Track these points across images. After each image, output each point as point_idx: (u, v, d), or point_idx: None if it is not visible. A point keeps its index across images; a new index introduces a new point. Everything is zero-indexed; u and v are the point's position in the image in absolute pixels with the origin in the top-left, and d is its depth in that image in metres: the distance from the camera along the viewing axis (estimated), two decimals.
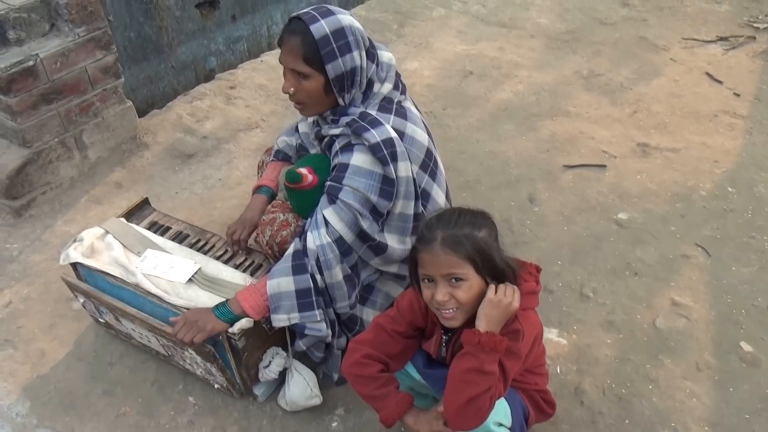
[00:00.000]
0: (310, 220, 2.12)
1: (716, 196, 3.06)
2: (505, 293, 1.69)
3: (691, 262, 2.74)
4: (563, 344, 2.44)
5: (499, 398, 1.71)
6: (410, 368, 2.01)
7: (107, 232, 2.39)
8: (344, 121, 2.10)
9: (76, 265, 2.35)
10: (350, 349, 1.94)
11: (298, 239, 2.13)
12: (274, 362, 2.20)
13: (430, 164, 2.20)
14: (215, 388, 2.31)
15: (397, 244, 2.15)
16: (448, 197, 2.36)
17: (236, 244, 2.41)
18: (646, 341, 2.44)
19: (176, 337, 2.02)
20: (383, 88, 2.14)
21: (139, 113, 3.54)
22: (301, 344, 2.16)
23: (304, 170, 2.17)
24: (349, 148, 2.09)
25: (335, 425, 2.24)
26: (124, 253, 2.33)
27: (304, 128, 2.47)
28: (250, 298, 2.07)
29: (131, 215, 2.57)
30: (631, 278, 2.69)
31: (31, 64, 2.87)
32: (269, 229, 2.26)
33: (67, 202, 3.16)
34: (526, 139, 3.48)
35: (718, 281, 2.66)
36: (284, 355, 2.23)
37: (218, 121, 3.68)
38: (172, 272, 2.26)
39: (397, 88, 2.18)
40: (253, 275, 2.33)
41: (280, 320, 2.09)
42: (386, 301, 2.31)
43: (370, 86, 2.12)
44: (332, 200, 2.07)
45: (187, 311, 2.07)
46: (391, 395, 1.84)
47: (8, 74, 2.81)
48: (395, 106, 2.15)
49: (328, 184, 2.10)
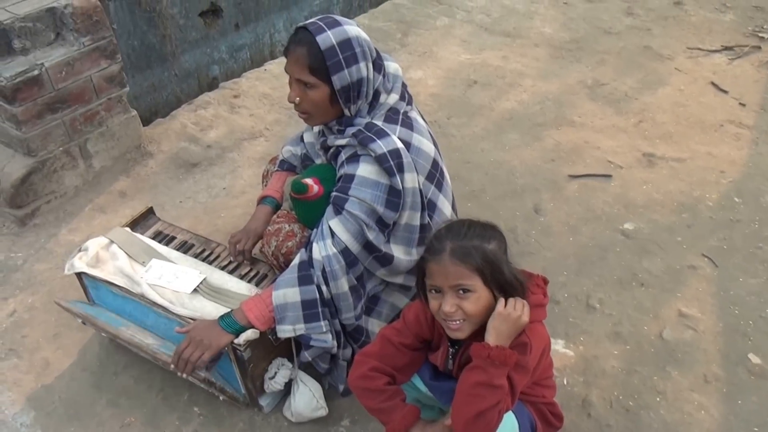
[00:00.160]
0: (315, 230, 2.11)
1: (723, 206, 3.04)
2: (515, 307, 1.68)
3: (698, 272, 2.73)
4: (570, 356, 2.43)
5: (506, 411, 1.70)
6: (417, 380, 2.00)
7: (112, 241, 2.39)
8: (350, 131, 2.09)
9: (80, 274, 2.34)
10: (356, 361, 1.92)
11: (303, 250, 2.12)
12: (279, 373, 2.19)
13: (436, 175, 2.20)
14: (221, 399, 2.30)
15: (403, 255, 2.14)
16: (454, 208, 2.35)
17: (240, 254, 2.40)
18: (653, 353, 2.43)
19: (182, 356, 2.00)
20: (389, 98, 2.14)
21: (142, 121, 3.54)
22: (306, 355, 2.15)
23: (309, 181, 2.16)
24: (355, 158, 2.08)
25: None
26: (129, 262, 2.32)
27: (309, 138, 2.47)
28: (255, 308, 2.06)
29: (136, 225, 2.56)
30: (637, 289, 2.67)
31: (36, 73, 2.87)
32: (274, 239, 2.25)
33: (71, 211, 3.16)
34: (531, 148, 3.47)
35: (725, 292, 2.64)
36: (290, 366, 2.21)
37: (222, 130, 3.68)
38: (177, 282, 2.25)
39: (403, 98, 2.18)
40: (258, 285, 2.32)
41: (285, 331, 2.08)
42: (392, 311, 2.30)
43: (376, 97, 2.12)
44: (338, 211, 2.06)
45: (191, 327, 2.05)
46: (397, 408, 1.83)
47: (13, 83, 2.81)
48: (401, 116, 2.14)
49: (333, 194, 2.09)
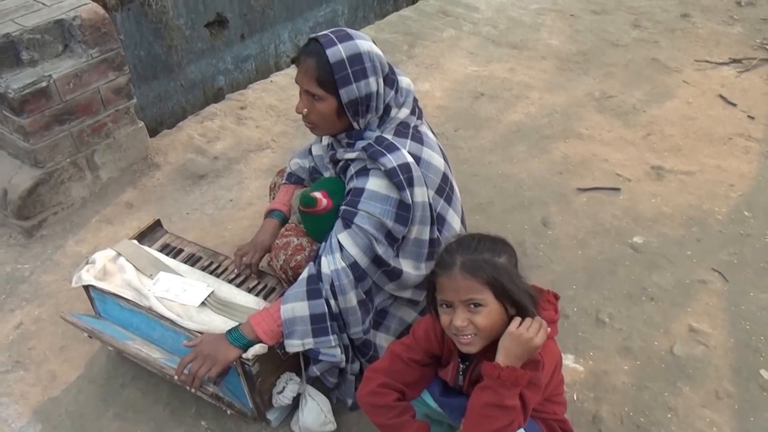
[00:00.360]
0: (324, 244, 2.10)
1: (732, 220, 3.03)
2: (528, 328, 1.65)
3: (708, 287, 2.71)
4: (580, 371, 2.41)
5: (518, 429, 1.68)
6: (426, 396, 1.99)
7: (119, 254, 2.38)
8: (360, 145, 2.08)
9: (88, 287, 2.33)
10: (366, 378, 1.91)
11: (312, 264, 2.11)
12: (287, 388, 2.18)
13: (446, 189, 2.19)
14: (228, 413, 2.28)
15: (411, 269, 2.13)
16: (463, 222, 2.34)
17: (247, 267, 2.39)
18: (663, 368, 2.41)
19: (189, 371, 1.99)
20: (400, 113, 2.13)
21: (148, 132, 3.53)
22: (315, 369, 2.13)
23: (318, 194, 2.15)
24: (364, 172, 2.07)
25: None
26: (136, 275, 2.32)
27: (317, 151, 2.46)
28: (263, 322, 2.04)
29: (143, 237, 2.55)
30: (647, 303, 2.66)
31: (44, 85, 2.87)
32: (283, 253, 2.24)
33: (78, 222, 3.15)
34: (538, 161, 3.46)
35: (736, 307, 2.63)
36: (298, 380, 2.20)
37: (229, 141, 3.67)
38: (184, 295, 2.24)
39: (414, 113, 2.17)
40: (265, 299, 2.31)
41: (294, 345, 2.06)
42: (400, 326, 2.29)
43: (387, 111, 2.11)
44: (347, 225, 2.05)
45: (199, 341, 2.04)
46: (407, 424, 1.81)
47: (21, 95, 2.81)
48: (411, 130, 2.14)
49: (343, 208, 2.08)
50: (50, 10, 2.96)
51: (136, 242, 2.46)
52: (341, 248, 2.04)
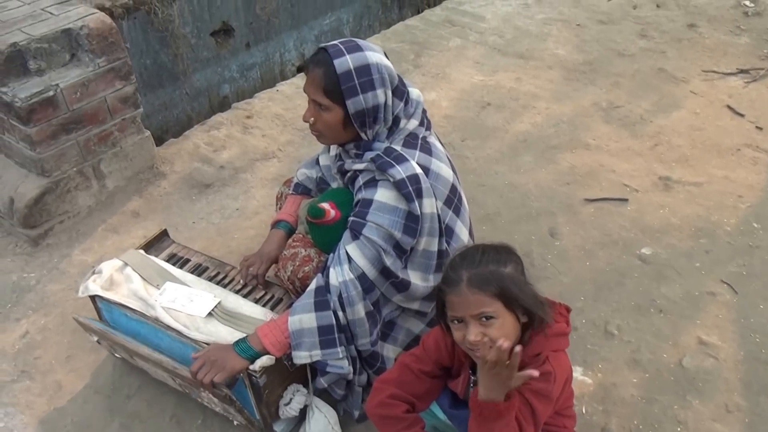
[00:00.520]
0: (332, 255, 2.09)
1: (741, 231, 3.01)
2: (496, 356, 1.56)
3: (717, 299, 2.69)
4: (588, 383, 2.39)
5: None
6: (436, 408, 1.98)
7: (126, 264, 2.37)
8: (368, 156, 2.08)
9: (94, 297, 2.32)
10: (375, 389, 1.90)
11: (320, 275, 2.10)
12: (294, 399, 2.16)
13: (454, 200, 2.18)
14: (234, 424, 2.27)
15: (420, 281, 2.12)
16: (471, 233, 2.33)
17: (254, 278, 2.38)
18: (673, 381, 2.39)
19: (196, 377, 1.98)
20: (409, 124, 2.12)
21: (153, 139, 3.53)
22: (322, 381, 2.12)
23: (326, 205, 2.14)
24: (373, 183, 2.06)
25: None
26: (143, 285, 2.30)
27: (325, 161, 2.45)
28: (270, 334, 2.03)
29: (150, 247, 2.54)
30: (656, 315, 2.64)
31: (51, 94, 2.87)
32: (291, 264, 2.23)
33: (84, 231, 3.15)
34: (545, 171, 3.45)
35: (745, 319, 2.61)
36: (305, 392, 2.19)
37: (235, 150, 3.67)
38: (191, 306, 2.23)
39: (422, 124, 2.17)
40: (273, 309, 2.29)
41: (301, 357, 2.05)
42: (407, 337, 2.28)
43: (396, 122, 2.10)
44: (355, 236, 2.04)
45: (206, 350, 2.03)
46: None
47: (28, 104, 2.81)
48: (420, 141, 2.13)
49: (351, 219, 2.08)
50: (58, 19, 2.96)
51: (142, 252, 2.45)
52: (349, 259, 2.03)
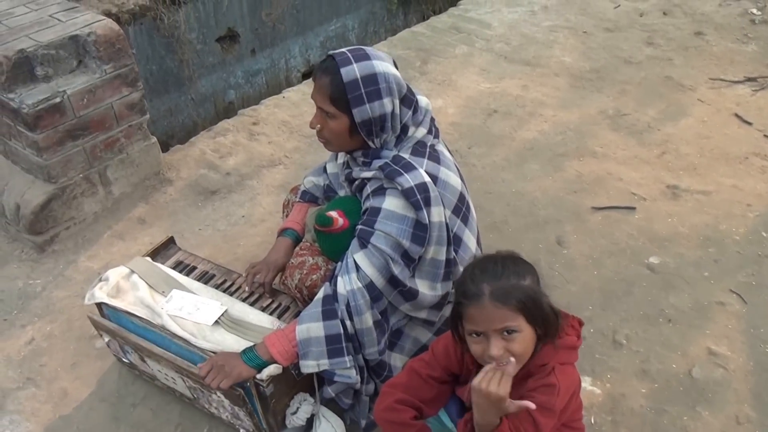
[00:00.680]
0: (340, 264, 2.08)
1: (750, 241, 2.99)
2: (489, 381, 1.58)
3: (726, 309, 2.67)
4: (597, 393, 2.37)
5: None
6: (443, 415, 1.97)
7: (133, 271, 2.37)
8: (377, 164, 2.07)
9: (101, 305, 2.32)
10: (383, 392, 1.89)
11: (328, 284, 2.09)
12: (301, 408, 2.15)
13: (462, 209, 2.17)
14: None
15: (428, 290, 2.11)
16: (478, 242, 2.32)
17: (260, 286, 2.37)
18: (682, 391, 2.37)
19: (204, 381, 1.97)
20: (417, 132, 2.12)
21: (159, 145, 3.52)
22: (329, 391, 2.11)
23: (334, 213, 2.13)
24: (381, 191, 2.05)
25: None
26: (149, 293, 2.30)
27: (332, 169, 2.44)
28: (278, 343, 2.02)
29: (156, 254, 2.54)
30: (664, 325, 2.62)
31: (58, 100, 2.87)
32: (298, 272, 2.22)
33: (90, 237, 3.14)
34: (552, 179, 3.44)
35: (755, 330, 2.59)
36: (312, 401, 2.18)
37: (241, 157, 3.66)
38: (198, 314, 2.22)
39: (430, 132, 2.16)
40: (280, 318, 2.28)
41: (308, 366, 2.04)
42: (414, 346, 2.26)
43: (405, 131, 2.10)
44: (363, 245, 2.03)
45: (214, 356, 2.02)
46: None
47: (35, 111, 2.80)
48: (428, 149, 2.12)
49: (359, 228, 2.07)
50: (65, 26, 2.96)
51: (149, 259, 2.45)
52: (357, 268, 2.02)
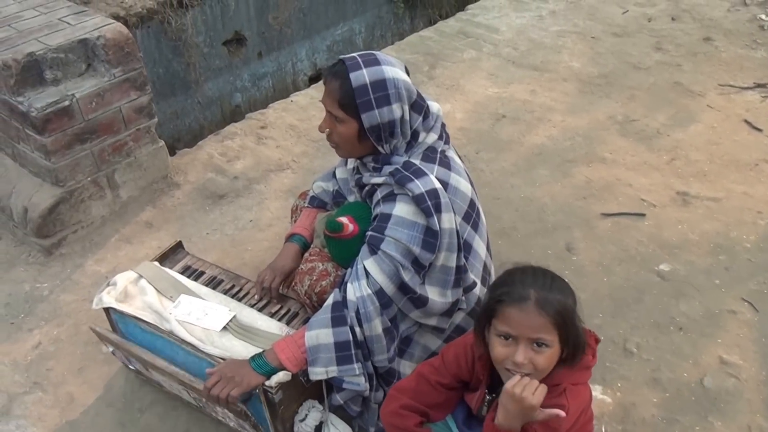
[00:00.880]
0: (350, 270, 2.07)
1: (761, 248, 2.96)
2: (524, 387, 1.58)
3: (737, 317, 2.65)
4: (608, 402, 2.36)
5: None
6: (450, 421, 1.96)
7: (141, 276, 2.35)
8: (387, 170, 2.06)
9: (108, 309, 2.30)
10: (390, 396, 1.90)
11: (337, 290, 2.08)
12: (310, 416, 2.14)
13: (472, 215, 2.15)
14: None
15: (438, 297, 2.09)
16: (488, 248, 2.30)
17: (268, 292, 2.36)
18: (694, 401, 2.35)
19: (211, 393, 1.95)
20: (428, 138, 2.11)
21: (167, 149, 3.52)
22: (338, 398, 2.10)
23: (345, 219, 2.12)
24: (391, 197, 2.04)
25: None
26: (158, 298, 2.28)
27: (342, 174, 2.43)
28: (287, 349, 2.01)
29: (165, 259, 2.53)
30: (675, 333, 2.60)
31: (67, 104, 2.86)
32: (308, 278, 2.20)
33: (97, 241, 3.13)
34: (561, 185, 3.42)
35: (767, 339, 2.56)
36: (320, 408, 2.16)
37: (249, 161, 3.65)
38: (206, 319, 2.21)
39: (441, 138, 2.15)
40: (288, 324, 2.27)
41: (317, 373, 2.03)
42: (424, 353, 2.24)
43: (415, 136, 2.09)
44: (373, 251, 2.02)
45: (222, 364, 2.01)
46: None
47: (44, 114, 2.80)
48: (439, 155, 2.11)
49: (369, 234, 2.06)
50: (74, 29, 2.96)
51: (157, 264, 2.44)
52: (367, 275, 2.01)
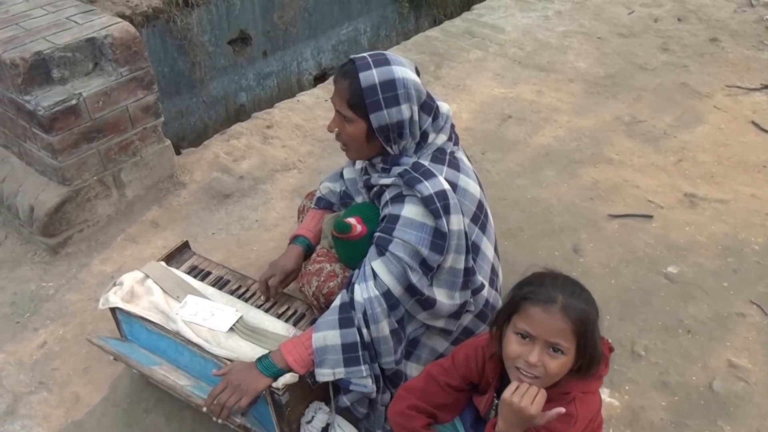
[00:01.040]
0: (357, 271, 2.06)
1: None
2: (522, 396, 1.58)
3: (746, 320, 2.64)
4: (616, 405, 2.34)
5: None
6: (458, 423, 1.95)
7: (147, 276, 2.35)
8: (396, 171, 2.05)
9: (114, 309, 2.30)
10: (398, 395, 1.89)
11: (345, 291, 2.07)
12: (316, 418, 2.13)
13: (481, 217, 2.14)
14: None
15: (445, 299, 2.08)
16: (496, 250, 2.29)
17: (267, 289, 2.35)
18: (703, 405, 2.34)
19: (217, 401, 1.94)
20: (438, 138, 2.10)
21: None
22: (345, 400, 2.09)
23: (353, 220, 2.11)
24: (400, 199, 2.03)
25: None
26: (164, 298, 2.28)
27: (349, 174, 2.42)
28: (294, 351, 2.00)
29: (171, 258, 2.52)
30: (684, 336, 2.59)
31: (73, 102, 2.86)
32: (316, 279, 2.20)
33: (103, 240, 3.13)
34: (568, 186, 3.41)
35: None
36: (327, 410, 2.15)
37: (255, 160, 3.65)
38: (212, 320, 2.20)
39: (451, 139, 2.14)
40: (295, 325, 2.26)
41: (324, 375, 2.02)
42: (431, 356, 2.23)
43: (425, 137, 2.08)
44: (381, 252, 2.01)
45: (228, 371, 1.99)
46: None
47: (51, 113, 2.79)
48: (448, 156, 2.10)
49: (377, 235, 2.05)
50: (82, 28, 2.95)
51: (164, 264, 2.43)
52: (375, 276, 2.00)
